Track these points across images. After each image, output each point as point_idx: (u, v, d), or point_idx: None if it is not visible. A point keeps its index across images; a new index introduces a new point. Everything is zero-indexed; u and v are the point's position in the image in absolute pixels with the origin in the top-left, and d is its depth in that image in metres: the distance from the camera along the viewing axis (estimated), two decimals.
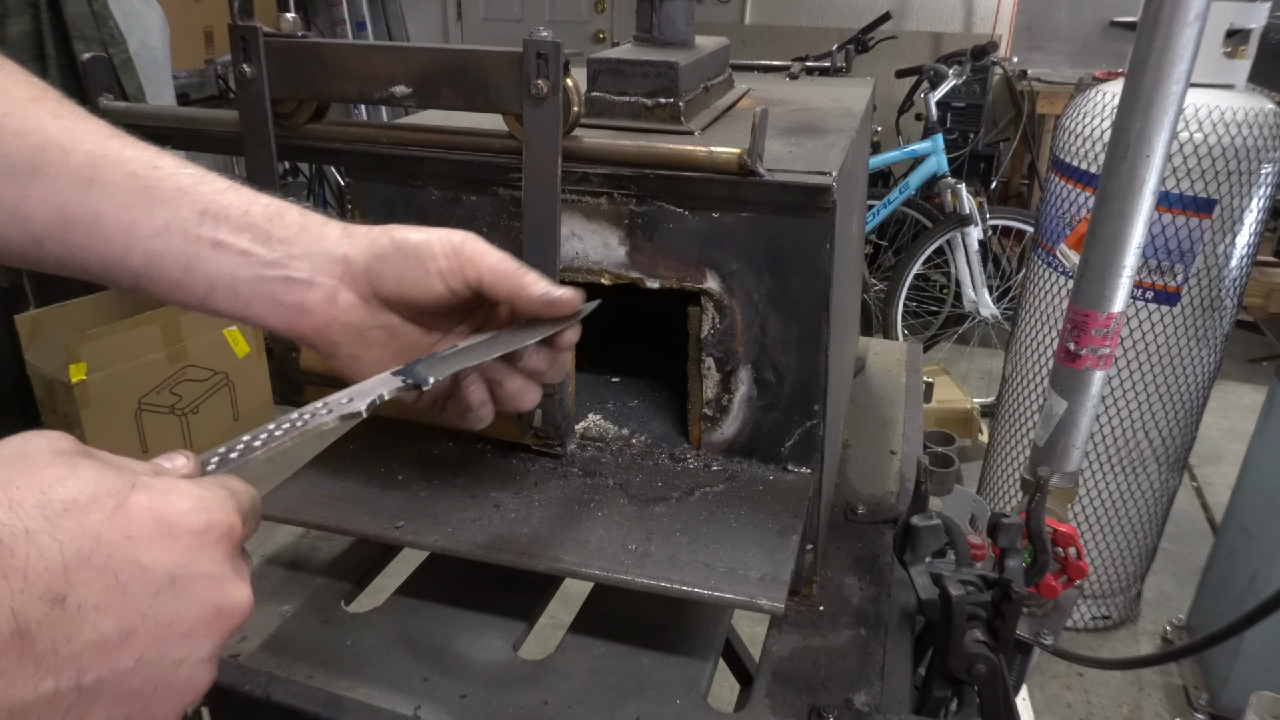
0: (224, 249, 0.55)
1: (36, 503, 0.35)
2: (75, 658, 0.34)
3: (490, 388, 0.62)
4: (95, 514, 0.36)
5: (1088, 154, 2.00)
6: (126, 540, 0.36)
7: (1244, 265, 1.99)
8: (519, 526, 0.74)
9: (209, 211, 0.55)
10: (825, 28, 4.57)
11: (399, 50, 0.72)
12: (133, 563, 0.36)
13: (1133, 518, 2.24)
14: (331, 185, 4.32)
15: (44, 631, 0.33)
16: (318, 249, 0.56)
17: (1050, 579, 0.79)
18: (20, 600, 0.33)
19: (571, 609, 0.81)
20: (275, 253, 0.56)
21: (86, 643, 0.35)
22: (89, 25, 2.65)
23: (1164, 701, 2.21)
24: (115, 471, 0.38)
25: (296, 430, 0.48)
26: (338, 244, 0.57)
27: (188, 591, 0.38)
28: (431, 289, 0.57)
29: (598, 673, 0.74)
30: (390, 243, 0.57)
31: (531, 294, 0.57)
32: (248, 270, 0.55)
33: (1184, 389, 2.08)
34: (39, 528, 0.34)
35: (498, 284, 0.57)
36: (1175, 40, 0.73)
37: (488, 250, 0.58)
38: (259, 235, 0.55)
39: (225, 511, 0.40)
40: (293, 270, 0.56)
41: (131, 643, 0.36)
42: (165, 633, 0.37)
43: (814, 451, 0.80)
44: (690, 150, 0.71)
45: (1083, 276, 0.83)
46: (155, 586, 0.37)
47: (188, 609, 0.38)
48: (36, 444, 0.37)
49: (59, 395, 2.70)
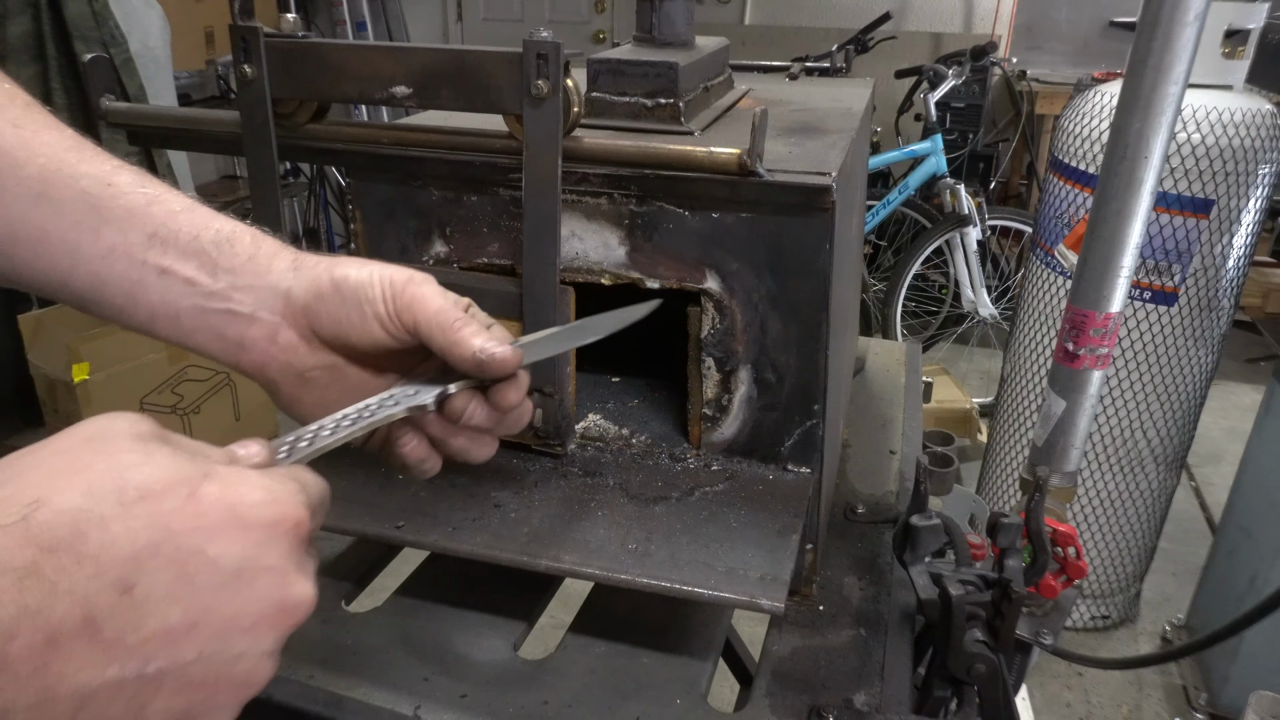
0: (169, 276, 0.53)
1: (113, 488, 0.35)
2: (141, 646, 0.34)
3: (433, 442, 0.58)
4: (168, 502, 0.36)
5: (1086, 154, 2.00)
6: (196, 531, 0.36)
7: (1241, 265, 1.99)
8: (519, 526, 0.74)
9: (158, 235, 0.53)
10: (825, 28, 4.57)
11: (399, 50, 0.73)
12: (201, 554, 0.36)
13: (1132, 517, 2.25)
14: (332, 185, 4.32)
15: (112, 619, 0.34)
16: (263, 283, 0.54)
17: (1050, 579, 0.79)
18: (92, 587, 0.33)
19: (571, 609, 0.81)
20: (220, 283, 0.54)
21: (152, 632, 0.35)
22: (89, 25, 2.65)
23: (1163, 701, 2.21)
24: (190, 459, 0.38)
25: (364, 421, 0.48)
26: (282, 278, 0.54)
27: (253, 585, 0.37)
28: (370, 333, 0.54)
29: (598, 673, 0.74)
30: (329, 281, 0.54)
31: (463, 351, 0.52)
32: (190, 300, 0.54)
33: (1182, 389, 2.08)
34: (113, 514, 0.34)
35: (433, 335, 0.53)
36: (1174, 41, 0.73)
37: (431, 296, 0.54)
38: (205, 263, 0.53)
39: (295, 505, 0.40)
40: (235, 303, 0.54)
41: (195, 634, 0.36)
42: (229, 625, 0.37)
43: (814, 451, 0.80)
44: (690, 150, 0.72)
45: (1081, 277, 0.83)
46: (222, 579, 0.37)
47: (252, 603, 0.38)
48: (118, 426, 0.38)
49: (61, 395, 2.70)
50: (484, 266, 0.83)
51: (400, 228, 0.84)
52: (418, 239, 0.84)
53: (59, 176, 0.52)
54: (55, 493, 0.34)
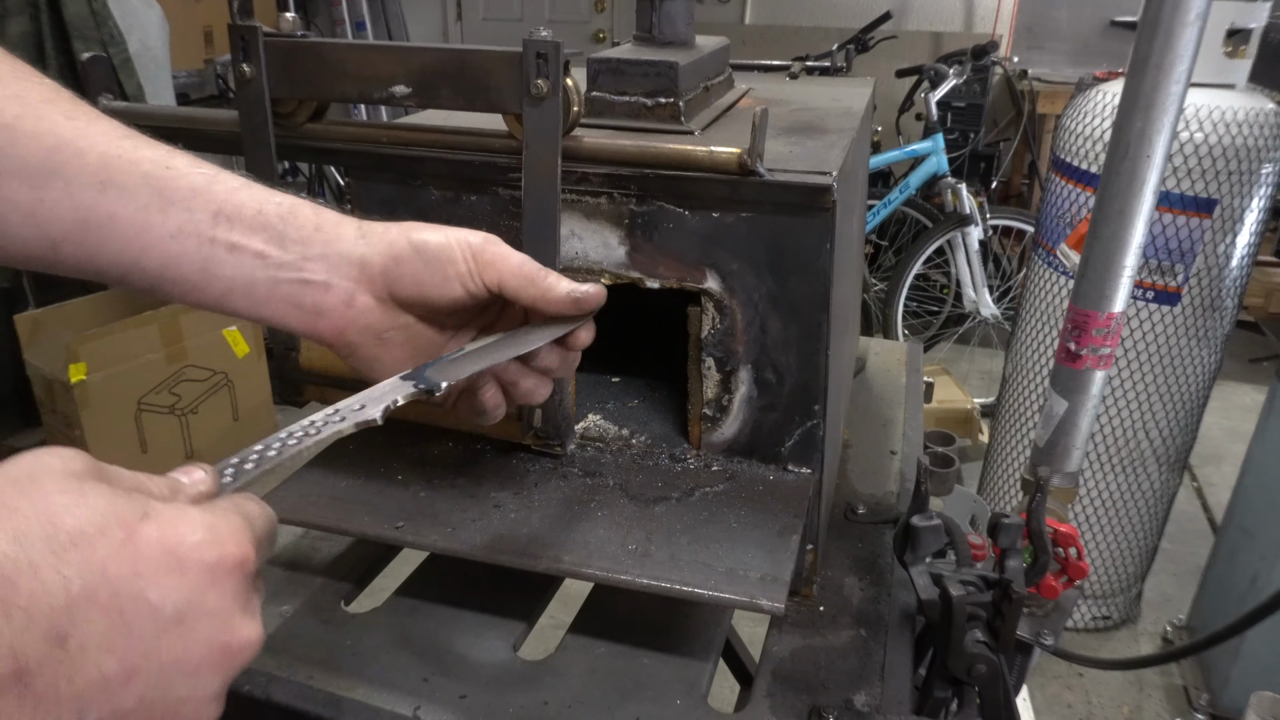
0: (239, 251, 0.54)
1: (43, 534, 0.33)
2: (76, 698, 0.33)
3: (504, 387, 0.62)
4: (103, 547, 0.34)
5: (1088, 154, 2.00)
6: (134, 576, 0.35)
7: (1244, 265, 1.99)
8: (519, 526, 0.74)
9: (223, 212, 0.54)
10: (825, 28, 4.56)
11: (399, 50, 0.72)
12: (139, 599, 0.35)
13: (1133, 518, 2.24)
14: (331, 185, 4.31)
15: (44, 671, 0.32)
16: (333, 250, 0.56)
17: (1050, 579, 0.79)
18: (22, 640, 0.32)
19: (571, 609, 0.81)
20: (290, 254, 0.55)
21: (88, 682, 0.34)
22: (89, 25, 2.65)
23: (1164, 702, 2.21)
24: (126, 498, 0.36)
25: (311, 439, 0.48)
26: (354, 245, 0.56)
27: (195, 629, 0.36)
28: (450, 292, 0.57)
29: (598, 673, 0.74)
30: (409, 245, 0.57)
31: (558, 295, 0.58)
32: (263, 273, 0.55)
33: (1184, 389, 2.08)
34: (44, 561, 0.33)
35: (521, 288, 0.58)
36: (1176, 40, 0.73)
37: (509, 254, 0.58)
38: (273, 236, 0.55)
39: (238, 543, 0.39)
40: (308, 273, 0.55)
41: (134, 682, 0.35)
42: (170, 671, 0.36)
43: (814, 451, 0.80)
44: (690, 150, 0.71)
45: (1083, 276, 0.83)
46: (161, 624, 0.35)
47: (194, 647, 0.37)
48: (48, 463, 0.36)
49: (58, 395, 2.70)
50: None
51: None
52: None
53: (120, 162, 0.53)
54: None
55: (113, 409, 2.75)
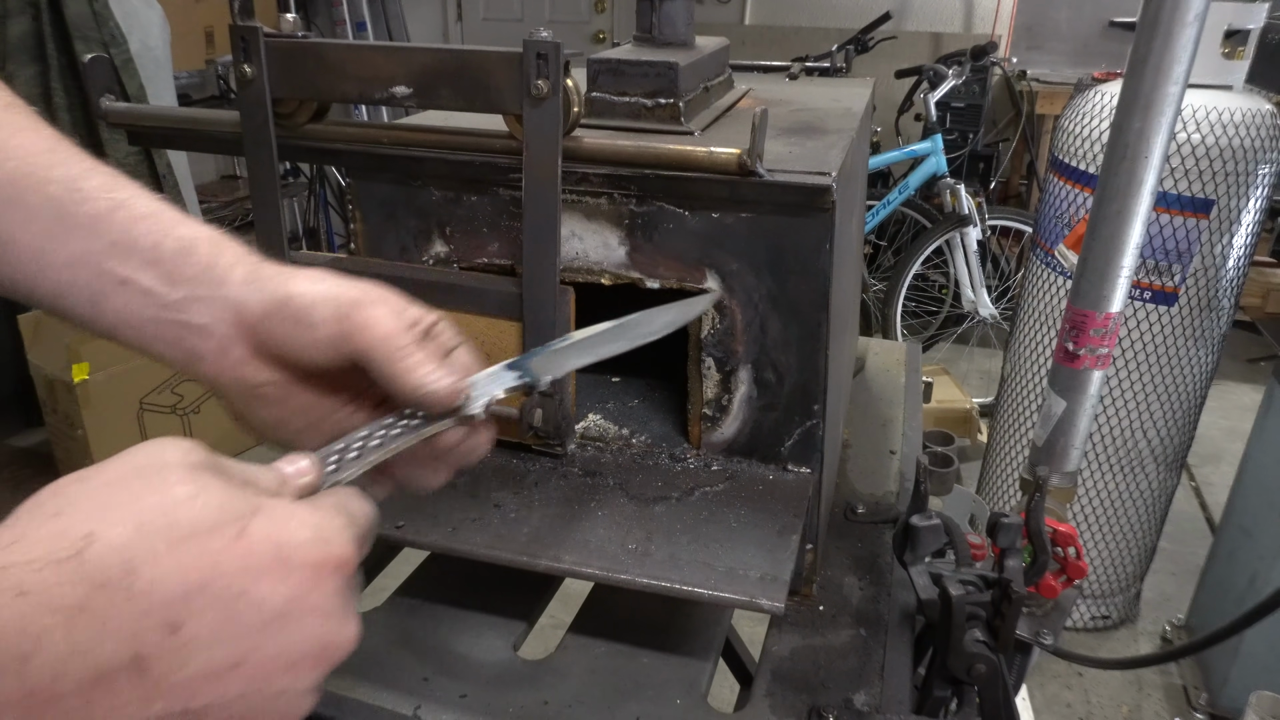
0: (128, 286, 0.52)
1: (164, 525, 0.35)
2: (186, 685, 0.35)
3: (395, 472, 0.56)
4: (217, 542, 0.36)
5: (1086, 154, 2.00)
6: (243, 571, 0.36)
7: (1241, 265, 1.99)
8: (519, 526, 0.74)
9: (119, 243, 0.52)
10: (825, 28, 4.57)
11: (399, 50, 0.73)
12: (246, 595, 0.36)
13: (1132, 517, 2.24)
14: (332, 185, 4.31)
15: (160, 659, 0.34)
16: (218, 294, 0.52)
17: (1050, 579, 0.79)
18: (141, 625, 0.33)
19: (571, 609, 0.81)
20: (177, 294, 0.52)
21: (197, 671, 0.35)
22: (90, 25, 2.65)
23: (1163, 701, 2.21)
24: (239, 492, 0.38)
25: (413, 432, 0.48)
26: (237, 290, 0.52)
27: (298, 627, 0.38)
28: (314, 356, 0.51)
29: (598, 673, 0.74)
30: (280, 298, 0.52)
31: (405, 383, 0.49)
32: (149, 311, 0.53)
33: (1182, 389, 2.08)
34: (163, 552, 0.34)
35: (376, 363, 0.50)
36: (1174, 41, 0.73)
37: (381, 319, 0.50)
38: (163, 273, 0.52)
39: (342, 544, 0.40)
40: (190, 314, 0.53)
41: (239, 673, 0.36)
42: (272, 665, 0.37)
43: (814, 451, 0.80)
44: (690, 150, 0.71)
45: (1081, 276, 0.83)
46: (266, 620, 0.37)
47: (296, 644, 0.38)
48: (170, 456, 0.37)
49: (61, 395, 2.70)
50: (484, 266, 0.83)
51: (400, 228, 0.84)
52: (418, 239, 0.84)
53: (29, 181, 0.52)
54: (107, 526, 0.34)
55: (115, 409, 2.75)
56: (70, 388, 2.64)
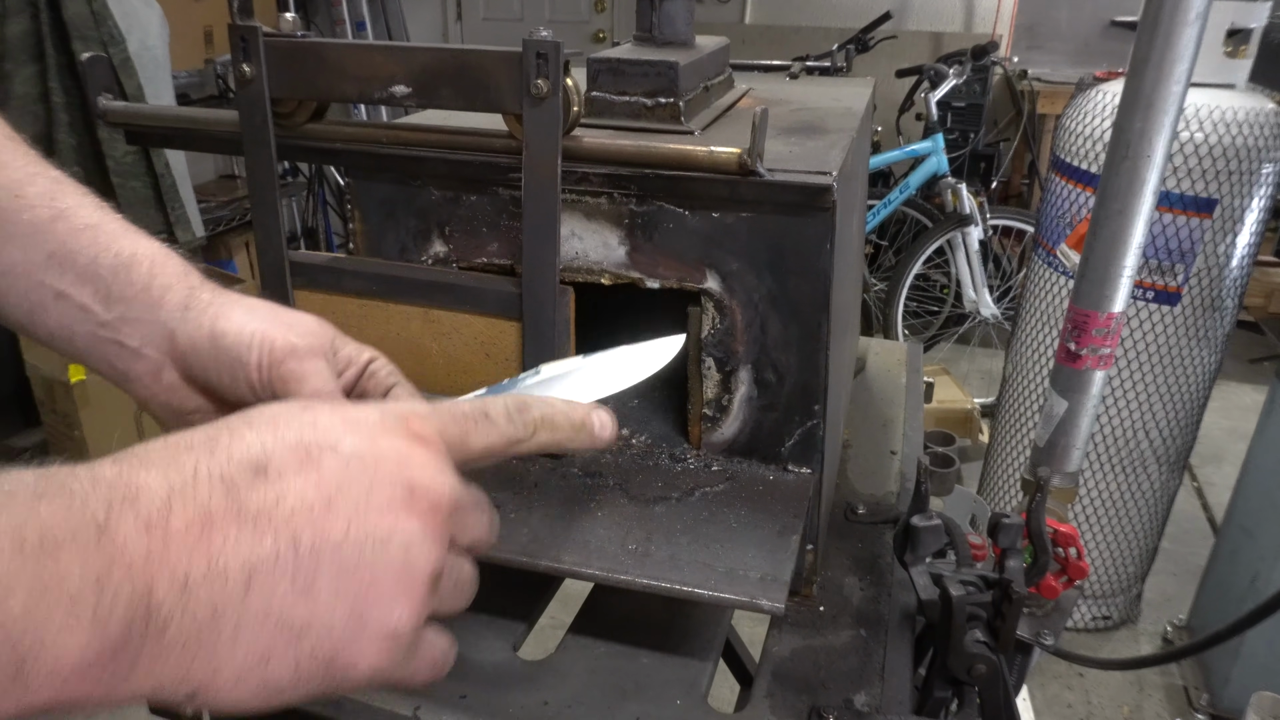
0: (64, 300, 0.52)
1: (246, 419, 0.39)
2: (288, 520, 0.36)
3: None
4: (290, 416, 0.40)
5: (1088, 154, 2.00)
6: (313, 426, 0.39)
7: (1244, 265, 1.99)
8: (519, 527, 0.74)
9: (56, 255, 0.52)
10: (825, 28, 4.56)
11: (399, 50, 0.72)
12: (320, 443, 0.39)
13: (1133, 518, 2.24)
14: (331, 185, 4.31)
15: (253, 495, 0.36)
16: (151, 317, 0.53)
17: (1051, 579, 0.79)
18: (228, 469, 0.36)
19: (571, 609, 0.81)
20: (112, 313, 0.53)
21: (294, 506, 0.37)
22: (88, 25, 2.65)
23: (1164, 702, 2.21)
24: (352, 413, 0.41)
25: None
26: (171, 315, 0.53)
27: (375, 466, 0.39)
28: (243, 394, 0.52)
29: (598, 673, 0.74)
30: (209, 334, 0.52)
31: None
32: (84, 326, 0.53)
33: (1184, 389, 2.08)
34: (239, 426, 0.39)
35: None
36: (1176, 40, 0.73)
37: (310, 375, 0.51)
38: (100, 290, 0.52)
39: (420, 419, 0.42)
40: (123, 336, 0.53)
41: (335, 509, 0.37)
42: (363, 503, 0.38)
43: (814, 451, 0.80)
44: (690, 150, 0.71)
45: (1083, 276, 0.83)
46: (344, 460, 0.38)
47: (379, 482, 0.39)
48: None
49: (58, 395, 2.70)
50: (484, 266, 0.82)
51: (399, 227, 0.84)
52: (417, 239, 0.84)
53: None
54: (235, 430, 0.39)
55: (112, 409, 2.75)
56: (68, 388, 2.64)
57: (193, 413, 0.55)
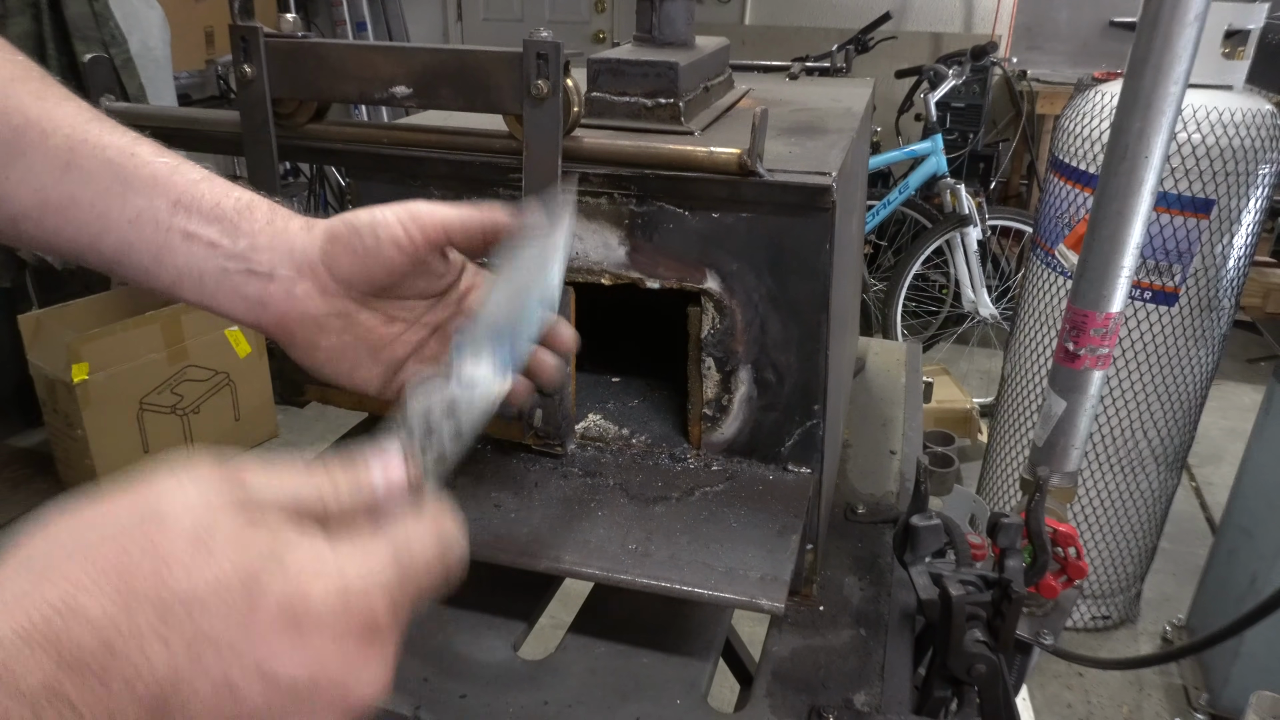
0: (193, 240, 0.55)
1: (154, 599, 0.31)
2: None
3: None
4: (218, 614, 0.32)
5: (1087, 154, 2.00)
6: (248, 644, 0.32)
7: (1242, 265, 1.99)
8: (519, 526, 0.74)
9: (181, 202, 0.55)
10: (825, 28, 4.57)
11: (399, 50, 0.73)
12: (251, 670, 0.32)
13: (1132, 518, 2.24)
14: (332, 185, 4.32)
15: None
16: (280, 242, 0.56)
17: (1050, 579, 0.79)
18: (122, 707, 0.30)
19: (571, 609, 0.81)
20: (240, 245, 0.56)
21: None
22: (90, 26, 2.65)
23: (1164, 701, 2.21)
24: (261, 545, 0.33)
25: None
26: (298, 236, 0.57)
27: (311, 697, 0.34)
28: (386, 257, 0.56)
29: (598, 673, 0.74)
30: (342, 223, 0.57)
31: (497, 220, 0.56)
32: (213, 262, 0.55)
33: (1182, 389, 2.08)
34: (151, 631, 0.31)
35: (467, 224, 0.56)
36: (1174, 41, 0.73)
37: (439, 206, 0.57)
38: (227, 228, 0.55)
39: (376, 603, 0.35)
40: (255, 264, 0.56)
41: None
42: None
43: (814, 451, 0.80)
44: (690, 150, 0.71)
45: (1081, 276, 0.83)
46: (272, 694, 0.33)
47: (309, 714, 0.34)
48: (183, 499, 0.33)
49: (61, 395, 2.70)
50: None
51: None
52: None
53: (85, 146, 0.54)
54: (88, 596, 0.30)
55: (114, 409, 2.75)
56: (70, 388, 2.64)
57: (327, 315, 0.57)
